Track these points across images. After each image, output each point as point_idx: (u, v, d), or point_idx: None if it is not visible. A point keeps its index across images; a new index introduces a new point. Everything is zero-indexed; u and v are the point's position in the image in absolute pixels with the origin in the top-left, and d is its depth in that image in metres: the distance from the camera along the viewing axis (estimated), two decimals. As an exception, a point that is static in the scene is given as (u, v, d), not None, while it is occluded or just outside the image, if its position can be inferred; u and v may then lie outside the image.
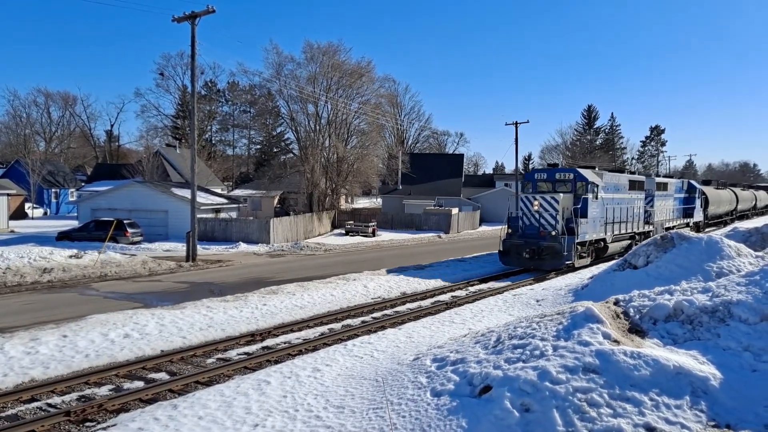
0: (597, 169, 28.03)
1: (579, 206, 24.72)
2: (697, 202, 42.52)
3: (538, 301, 17.16)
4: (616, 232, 28.31)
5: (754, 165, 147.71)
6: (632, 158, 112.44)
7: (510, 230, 25.60)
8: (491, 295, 19.79)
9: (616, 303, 10.67)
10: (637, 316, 10.04)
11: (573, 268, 24.78)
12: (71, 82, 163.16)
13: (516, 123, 52.56)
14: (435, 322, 14.75)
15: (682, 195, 40.41)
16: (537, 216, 24.44)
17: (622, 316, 10.11)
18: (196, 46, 29.55)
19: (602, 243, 27.23)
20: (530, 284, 21.85)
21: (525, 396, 7.74)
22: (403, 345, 12.26)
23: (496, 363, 8.73)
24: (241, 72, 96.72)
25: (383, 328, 14.69)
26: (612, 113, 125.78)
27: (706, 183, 54.78)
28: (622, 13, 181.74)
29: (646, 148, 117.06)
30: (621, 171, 32.87)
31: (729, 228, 44.10)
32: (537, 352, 8.74)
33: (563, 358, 8.34)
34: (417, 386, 8.99)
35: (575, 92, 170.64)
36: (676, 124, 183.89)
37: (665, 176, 42.03)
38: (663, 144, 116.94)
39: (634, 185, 30.76)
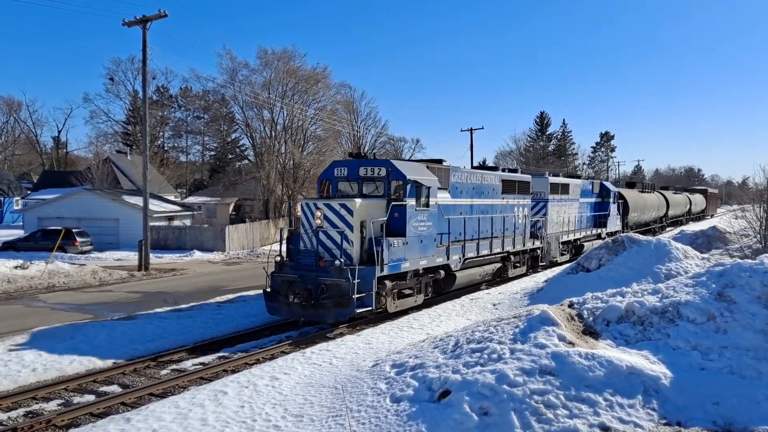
0: (444, 163, 19.33)
1: (393, 218, 15.93)
2: (612, 208, 34.96)
3: (494, 305, 17.38)
4: (471, 254, 19.69)
5: (699, 170, 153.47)
6: (583, 164, 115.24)
7: (284, 257, 16.21)
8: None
9: (571, 305, 10.88)
10: (591, 318, 10.26)
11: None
12: (15, 86, 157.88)
13: (471, 129, 53.26)
14: (394, 327, 14.76)
15: (592, 200, 33.13)
16: (317, 235, 15.45)
17: (576, 318, 10.32)
18: (147, 50, 29.00)
19: (443, 271, 18.40)
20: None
21: (483, 399, 7.82)
22: (362, 351, 12.23)
23: (455, 367, 8.79)
24: (194, 77, 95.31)
25: (341, 334, 14.62)
26: (564, 120, 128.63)
27: (631, 185, 48.62)
28: (569, 17, 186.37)
29: (597, 154, 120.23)
30: (494, 168, 24.07)
31: (676, 231, 45.41)
32: (495, 356, 8.84)
33: (520, 361, 8.46)
34: (376, 392, 8.97)
35: (529, 98, 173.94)
36: (626, 130, 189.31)
37: (567, 175, 33.93)
38: (612, 150, 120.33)
39: (511, 187, 23.07)
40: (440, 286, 18.87)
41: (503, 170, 24.36)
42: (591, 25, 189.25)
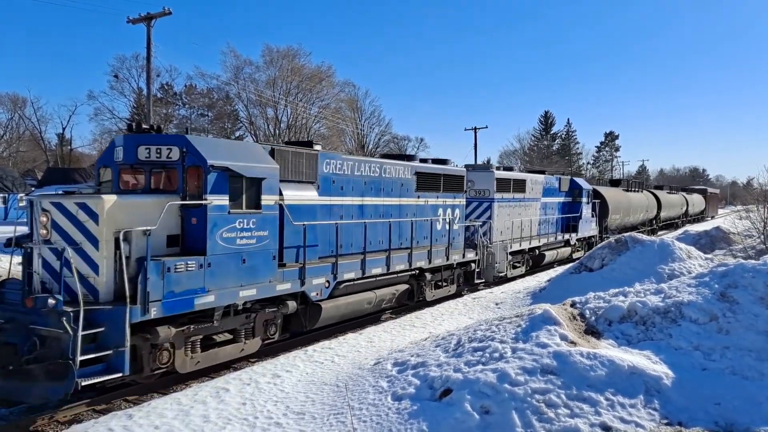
0: (318, 147, 14.22)
1: (190, 225, 10.44)
2: (585, 210, 29.63)
3: (497, 304, 17.37)
4: (352, 275, 14.00)
5: (703, 170, 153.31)
6: (588, 163, 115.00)
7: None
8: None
9: (573, 305, 10.88)
10: (593, 318, 10.26)
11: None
12: (20, 83, 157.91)
13: (475, 128, 53.30)
14: (396, 326, 14.77)
15: (559, 199, 28.18)
16: (28, 253, 10.61)
17: (578, 317, 10.31)
18: (152, 48, 29.07)
19: (294, 302, 12.31)
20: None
21: (485, 398, 7.83)
22: (364, 349, 12.24)
23: (457, 366, 8.79)
24: (199, 75, 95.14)
25: (343, 332, 14.60)
26: (568, 119, 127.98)
27: (615, 183, 43.73)
28: (571, 16, 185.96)
29: (601, 154, 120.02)
30: (409, 158, 17.87)
31: (679, 231, 45.23)
32: (496, 355, 8.85)
33: (522, 360, 8.46)
34: (378, 391, 8.99)
35: (532, 98, 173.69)
36: (630, 130, 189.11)
37: (528, 171, 28.73)
38: (617, 149, 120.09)
39: (433, 182, 17.64)
40: (300, 322, 13.03)
41: (423, 161, 18.51)
42: (593, 25, 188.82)
